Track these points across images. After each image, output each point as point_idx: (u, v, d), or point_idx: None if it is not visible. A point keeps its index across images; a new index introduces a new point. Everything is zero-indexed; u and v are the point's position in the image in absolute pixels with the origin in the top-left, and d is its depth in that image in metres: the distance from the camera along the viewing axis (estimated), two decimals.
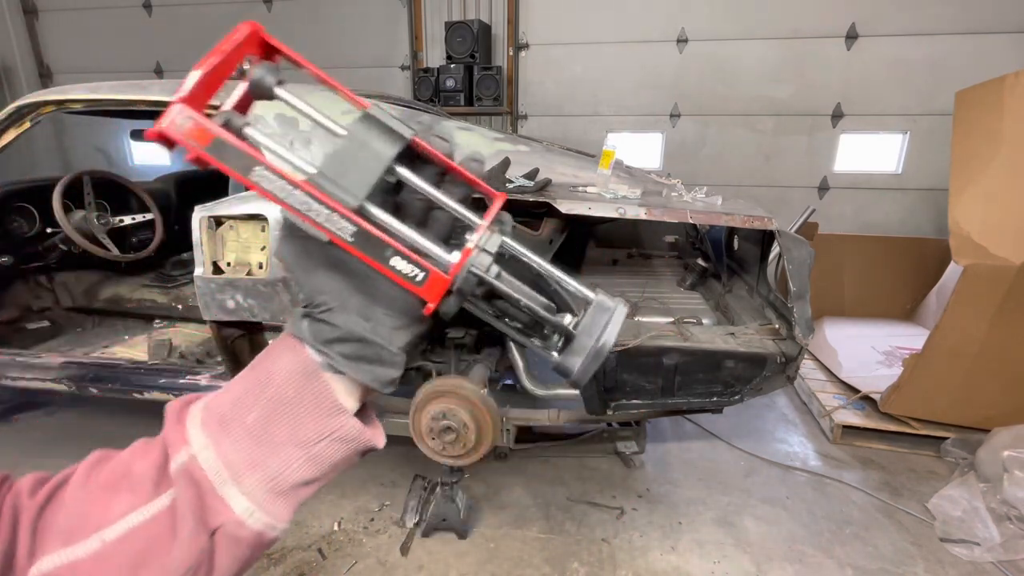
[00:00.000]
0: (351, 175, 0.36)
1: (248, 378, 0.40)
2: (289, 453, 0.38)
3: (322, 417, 0.39)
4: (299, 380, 0.38)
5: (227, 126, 0.36)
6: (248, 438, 0.37)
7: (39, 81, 5.78)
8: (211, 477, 0.36)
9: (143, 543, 0.35)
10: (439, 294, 0.38)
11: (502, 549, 2.00)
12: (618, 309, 0.40)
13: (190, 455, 0.36)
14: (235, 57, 0.36)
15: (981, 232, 2.30)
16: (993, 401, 2.41)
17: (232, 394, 0.39)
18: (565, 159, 2.05)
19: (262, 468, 0.37)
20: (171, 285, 2.85)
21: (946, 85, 3.84)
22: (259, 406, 0.38)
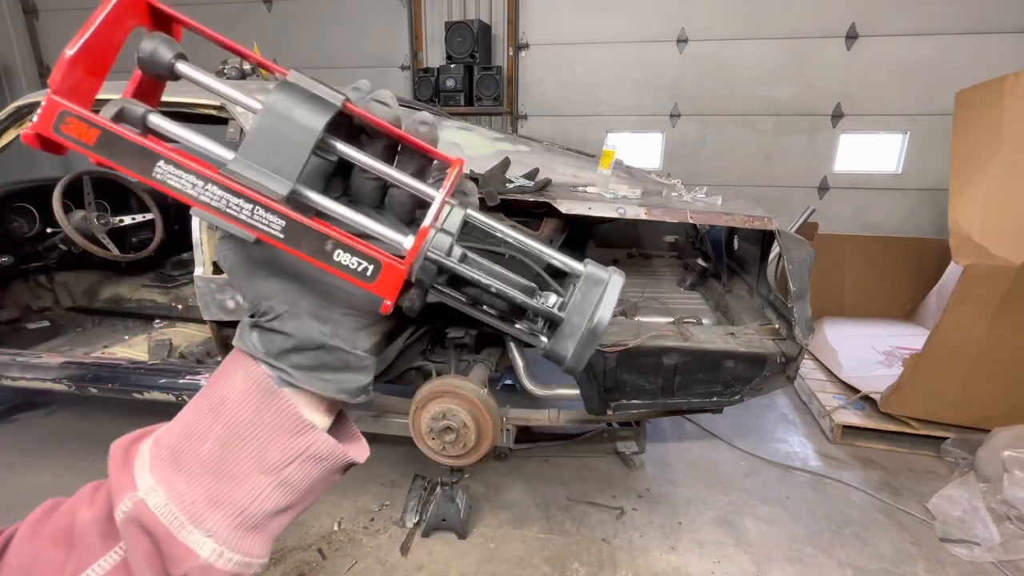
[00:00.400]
0: (275, 158, 0.30)
1: (199, 404, 0.35)
2: (255, 482, 0.33)
3: (287, 437, 0.34)
4: (255, 400, 0.34)
5: (121, 117, 0.30)
6: (205, 472, 0.33)
7: (39, 81, 5.78)
8: (166, 522, 0.31)
9: None
10: (395, 288, 0.32)
11: (502, 549, 2.00)
12: (612, 279, 0.35)
13: (136, 500, 0.32)
14: (116, 30, 0.31)
15: (981, 232, 2.30)
16: (993, 401, 2.41)
17: (182, 424, 0.35)
18: (565, 159, 2.05)
19: (226, 504, 0.33)
20: (171, 285, 2.85)
21: (946, 85, 3.85)
22: (213, 434, 0.33)
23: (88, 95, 0.29)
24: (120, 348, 2.55)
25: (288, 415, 0.34)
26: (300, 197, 0.31)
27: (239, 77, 2.34)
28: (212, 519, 0.32)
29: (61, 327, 2.78)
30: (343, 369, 0.35)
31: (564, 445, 2.51)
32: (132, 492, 0.32)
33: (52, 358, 2.26)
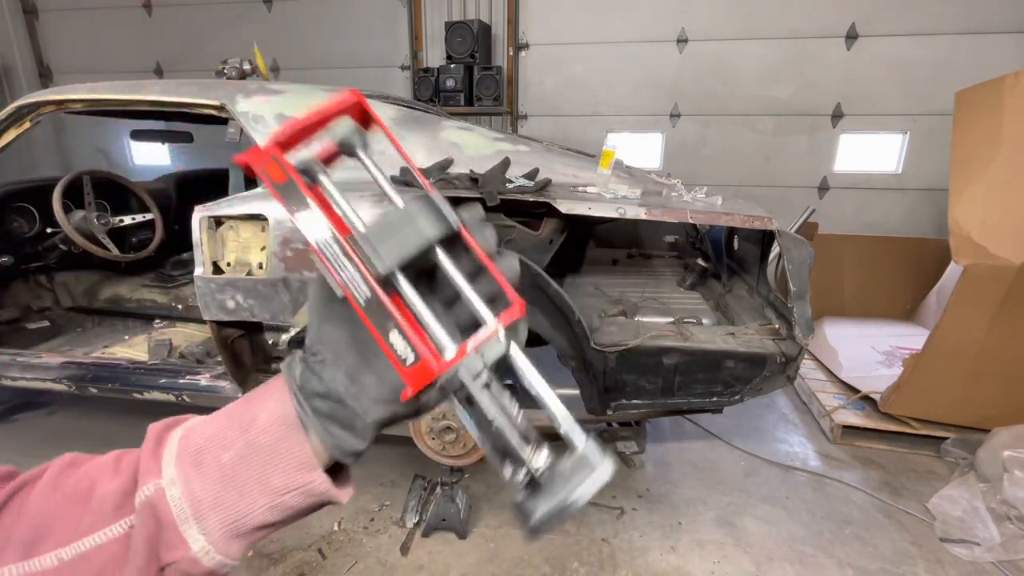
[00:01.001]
0: (389, 244, 0.36)
1: (233, 415, 0.40)
2: (255, 499, 0.38)
3: (293, 470, 0.38)
4: (279, 429, 0.38)
5: (304, 170, 0.38)
6: (219, 478, 0.37)
7: (39, 81, 5.78)
8: (175, 514, 0.36)
9: (94, 569, 0.35)
10: (420, 384, 0.35)
11: (502, 549, 2.00)
12: (601, 468, 0.35)
13: (158, 488, 0.36)
14: (331, 116, 0.38)
15: (981, 232, 2.30)
16: (993, 401, 2.41)
17: (214, 426, 0.39)
18: (565, 159, 2.05)
19: (227, 509, 0.37)
20: (171, 285, 2.85)
21: (946, 85, 3.84)
22: (237, 447, 0.38)
23: (289, 147, 0.38)
24: (120, 348, 2.55)
25: (300, 451, 0.38)
26: (392, 279, 0.36)
27: (239, 77, 2.34)
28: (212, 520, 0.36)
29: (61, 327, 2.78)
30: (348, 429, 0.39)
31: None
32: (157, 480, 0.36)
33: (52, 358, 2.26)
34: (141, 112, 2.35)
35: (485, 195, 1.67)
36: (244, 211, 1.78)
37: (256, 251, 1.83)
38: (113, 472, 0.38)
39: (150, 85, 2.10)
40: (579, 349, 1.68)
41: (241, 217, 1.81)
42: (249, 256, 1.83)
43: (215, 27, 5.23)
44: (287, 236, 1.74)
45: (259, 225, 1.81)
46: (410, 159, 0.41)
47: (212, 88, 2.02)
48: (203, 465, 0.37)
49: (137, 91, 2.05)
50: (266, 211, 1.75)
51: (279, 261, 1.76)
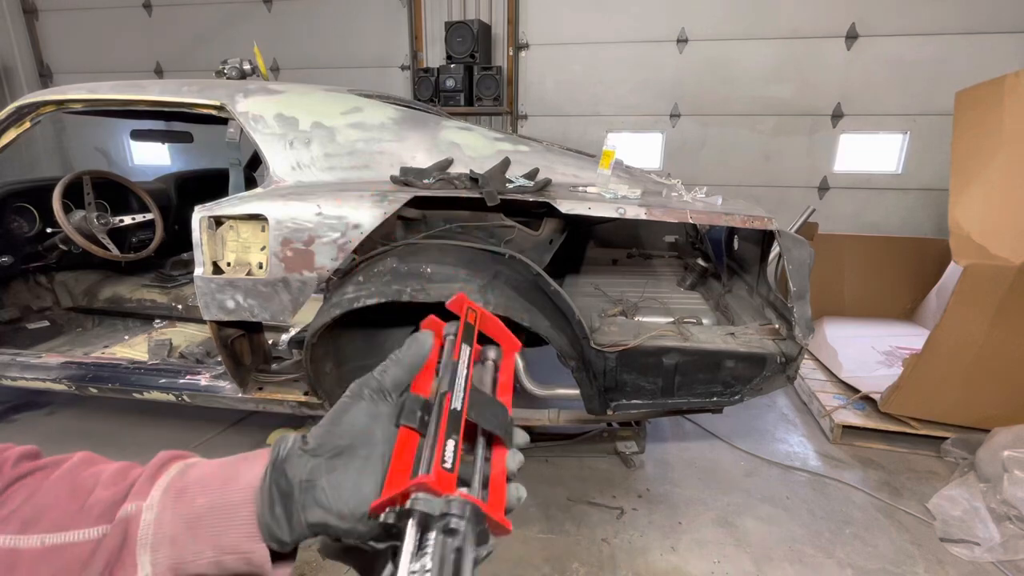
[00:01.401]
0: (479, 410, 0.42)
1: (225, 466, 0.43)
2: (204, 549, 0.39)
3: (243, 536, 0.39)
4: (248, 493, 0.40)
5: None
6: (186, 518, 0.39)
7: (39, 81, 5.78)
8: (139, 536, 0.38)
9: (63, 561, 0.37)
10: (396, 489, 0.35)
11: (502, 549, 1.99)
12: None
13: (137, 508, 0.39)
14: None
15: (981, 232, 2.30)
16: (993, 401, 2.41)
17: (206, 471, 0.43)
18: (565, 159, 2.05)
19: (178, 549, 0.39)
20: (171, 285, 2.85)
21: (946, 85, 3.85)
22: (211, 497, 0.40)
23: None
24: (120, 348, 2.55)
25: (254, 522, 0.39)
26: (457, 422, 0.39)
27: (239, 77, 2.34)
28: (161, 553, 0.38)
29: (61, 327, 2.78)
30: (287, 518, 0.39)
31: (564, 445, 2.51)
32: (142, 501, 0.39)
33: (52, 358, 2.26)
34: (141, 112, 2.35)
35: (485, 195, 1.67)
36: (244, 211, 1.78)
37: (256, 251, 1.83)
38: (115, 481, 0.41)
39: (150, 85, 2.10)
40: (579, 349, 1.68)
41: (241, 217, 1.81)
42: (249, 256, 1.83)
43: (215, 27, 5.24)
44: (287, 236, 1.74)
45: (259, 225, 1.81)
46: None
47: (212, 88, 2.02)
48: (180, 502, 0.40)
49: (137, 91, 2.05)
50: (266, 211, 1.75)
51: (279, 261, 1.76)
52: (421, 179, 1.78)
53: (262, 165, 1.95)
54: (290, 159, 1.91)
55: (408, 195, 1.70)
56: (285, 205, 1.75)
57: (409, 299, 1.59)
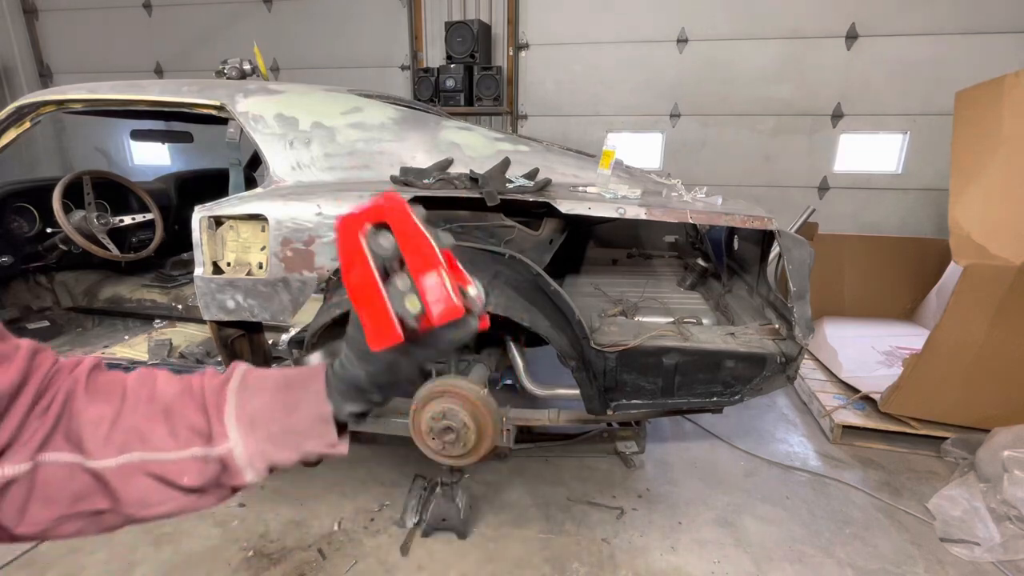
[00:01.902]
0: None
1: (277, 396, 0.55)
2: (289, 454, 0.55)
3: (322, 445, 0.55)
4: (317, 423, 0.55)
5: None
6: (269, 441, 0.54)
7: (39, 81, 5.78)
8: (239, 465, 0.53)
9: (174, 471, 0.51)
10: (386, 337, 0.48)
11: (502, 549, 2.00)
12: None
13: (228, 450, 0.52)
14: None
15: (981, 232, 2.30)
16: (993, 401, 2.41)
17: (263, 400, 0.55)
18: (565, 159, 2.05)
19: (269, 457, 0.54)
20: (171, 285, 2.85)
21: (946, 85, 3.85)
22: (282, 424, 0.54)
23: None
24: (120, 348, 2.55)
25: (330, 436, 0.55)
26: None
27: (239, 77, 2.34)
28: (258, 465, 0.54)
29: (61, 327, 2.78)
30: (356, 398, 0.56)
31: (564, 445, 2.51)
32: (226, 443, 0.52)
33: None
34: (141, 112, 2.35)
35: (485, 195, 1.67)
36: (244, 211, 1.78)
37: (256, 251, 1.83)
38: (184, 404, 0.54)
39: (150, 85, 2.10)
40: (579, 349, 1.68)
41: (241, 217, 1.81)
42: (249, 256, 1.83)
43: (215, 27, 5.23)
44: (287, 236, 1.74)
45: (259, 225, 1.81)
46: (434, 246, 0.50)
47: (212, 88, 2.02)
48: (256, 430, 0.53)
49: (137, 91, 2.05)
50: (266, 211, 1.75)
51: (279, 261, 1.76)
52: (421, 179, 1.78)
53: (262, 165, 1.95)
54: (290, 159, 1.91)
55: (408, 195, 1.70)
56: (285, 205, 1.75)
57: None
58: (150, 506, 0.51)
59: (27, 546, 1.96)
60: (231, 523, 2.11)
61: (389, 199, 0.49)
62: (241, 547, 1.99)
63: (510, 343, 1.94)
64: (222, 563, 1.92)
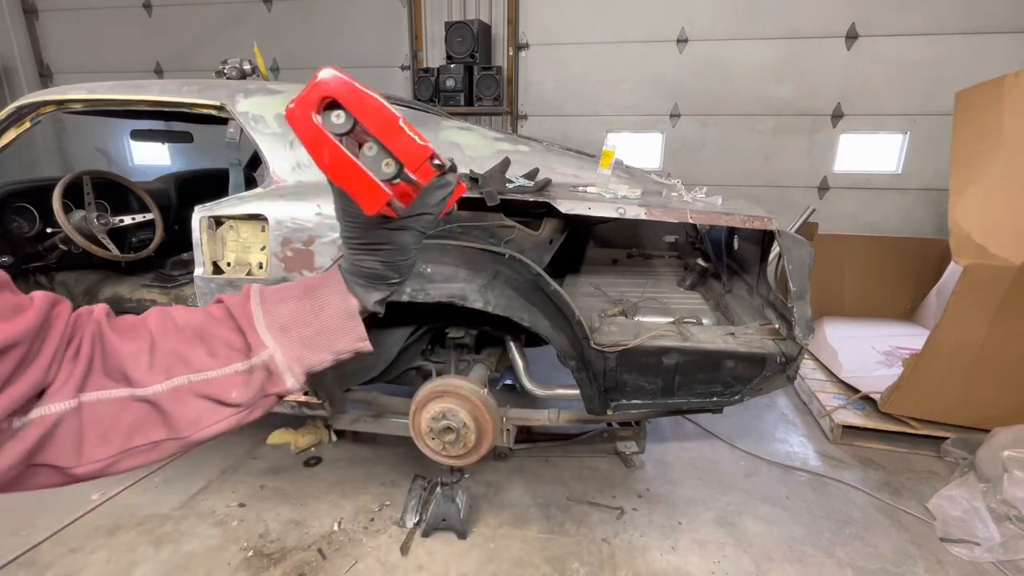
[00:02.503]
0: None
1: (304, 300, 0.60)
2: (324, 356, 0.60)
3: (352, 341, 0.61)
4: (344, 319, 0.60)
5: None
6: (303, 345, 0.59)
7: (39, 81, 5.78)
8: (280, 370, 0.57)
9: (221, 389, 0.55)
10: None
11: (502, 549, 2.00)
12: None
13: (269, 357, 0.57)
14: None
15: (981, 232, 2.30)
16: (993, 401, 2.41)
17: (288, 308, 0.59)
18: (565, 159, 2.05)
19: (307, 361, 0.59)
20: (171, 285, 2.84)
21: (946, 85, 3.85)
22: (314, 325, 0.59)
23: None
24: None
25: (359, 332, 0.61)
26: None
27: (239, 77, 2.34)
28: (296, 369, 0.58)
29: None
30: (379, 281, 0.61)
31: (564, 445, 2.51)
32: (265, 350, 0.57)
33: None
34: (141, 112, 2.35)
35: (485, 195, 1.67)
36: (244, 211, 1.78)
37: (256, 251, 1.83)
38: (218, 324, 0.57)
39: (150, 85, 2.10)
40: (579, 349, 1.68)
41: (241, 217, 1.81)
42: (249, 256, 1.83)
43: (215, 27, 5.23)
44: (287, 236, 1.74)
45: (259, 225, 1.81)
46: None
47: (212, 88, 2.02)
48: (289, 335, 0.58)
49: (137, 91, 2.05)
50: (266, 211, 1.75)
51: (279, 261, 1.76)
52: None
53: (262, 165, 1.95)
54: (290, 159, 1.91)
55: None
56: (285, 205, 1.75)
57: (409, 299, 1.59)
58: (204, 427, 0.54)
59: (27, 545, 1.96)
60: (231, 523, 2.11)
61: (330, 77, 0.49)
62: (241, 547, 1.99)
63: (510, 343, 1.94)
64: (222, 563, 1.92)
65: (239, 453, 2.55)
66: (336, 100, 0.49)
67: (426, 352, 2.20)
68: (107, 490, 2.27)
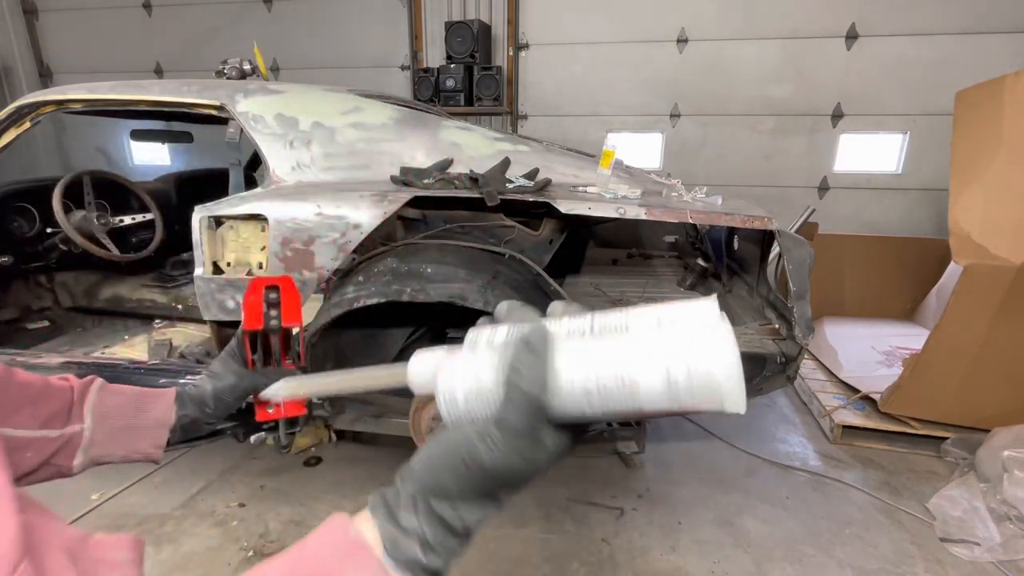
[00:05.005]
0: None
1: (133, 400, 0.68)
2: (115, 450, 0.66)
3: (150, 445, 0.69)
4: (156, 420, 0.69)
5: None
6: (109, 433, 0.65)
7: (39, 81, 5.78)
8: (80, 443, 0.64)
9: (31, 448, 0.60)
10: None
11: (502, 549, 2.00)
12: None
13: (80, 429, 0.63)
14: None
15: (981, 232, 2.30)
16: (993, 401, 2.41)
17: (120, 401, 0.67)
18: (565, 159, 2.05)
19: (98, 449, 0.65)
20: (171, 285, 2.84)
21: (946, 85, 3.84)
22: (128, 421, 0.67)
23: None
24: (120, 348, 2.55)
25: (161, 439, 0.70)
26: None
27: (239, 77, 2.34)
28: (91, 452, 0.64)
29: (61, 327, 2.78)
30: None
31: None
32: (80, 424, 0.64)
33: (52, 358, 2.26)
34: (141, 112, 2.35)
35: (485, 195, 1.67)
36: (244, 211, 1.78)
37: (256, 251, 1.83)
38: (52, 397, 0.63)
39: (150, 85, 2.10)
40: None
41: (241, 217, 1.81)
42: (249, 256, 1.83)
43: (215, 27, 5.23)
44: (287, 236, 1.74)
45: (259, 225, 1.81)
46: None
47: (212, 88, 2.02)
48: (105, 424, 0.64)
49: (137, 91, 2.05)
50: (266, 211, 1.75)
51: (279, 261, 1.76)
52: (421, 179, 1.78)
53: (262, 165, 1.95)
54: (290, 159, 1.91)
55: (408, 195, 1.70)
56: (285, 205, 1.75)
57: (409, 299, 1.59)
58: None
59: None
60: (231, 523, 2.11)
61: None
62: (241, 547, 1.99)
63: None
64: (222, 563, 1.92)
65: (239, 453, 2.55)
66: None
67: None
68: (107, 490, 2.27)
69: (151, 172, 4.04)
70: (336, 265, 1.73)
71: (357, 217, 1.69)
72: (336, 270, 1.74)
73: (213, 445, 2.62)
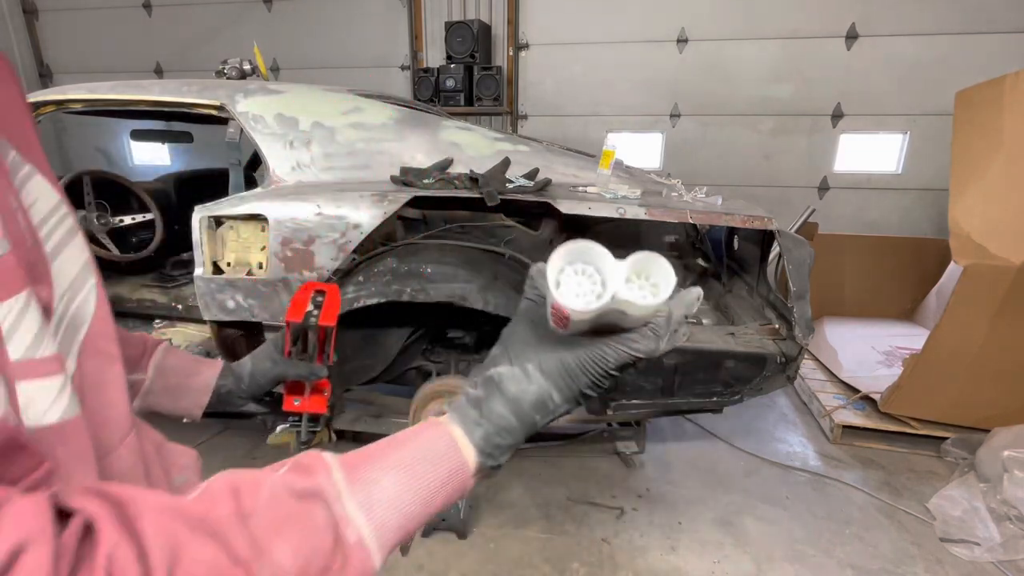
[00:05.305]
0: None
1: (190, 363, 0.75)
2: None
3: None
4: (204, 383, 0.76)
5: None
6: (165, 388, 0.72)
7: (39, 81, 5.78)
8: (141, 389, 0.70)
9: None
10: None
11: (502, 549, 2.00)
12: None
13: (142, 378, 0.69)
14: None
15: (981, 232, 2.30)
16: (993, 401, 2.41)
17: (179, 361, 0.74)
18: (565, 159, 2.05)
19: (153, 398, 0.71)
20: (171, 285, 2.84)
21: (946, 85, 3.84)
22: (180, 378, 0.73)
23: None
24: None
25: (205, 398, 0.76)
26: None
27: (239, 77, 2.34)
28: (152, 398, 0.71)
29: None
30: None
31: (564, 445, 2.51)
32: (144, 373, 0.70)
33: None
34: (141, 112, 2.35)
35: (485, 195, 1.67)
36: (244, 211, 1.78)
37: (256, 251, 1.83)
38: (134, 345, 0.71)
39: (150, 85, 2.10)
40: None
41: (241, 217, 1.81)
42: (249, 256, 1.83)
43: (215, 27, 5.23)
44: (287, 236, 1.74)
45: (259, 225, 1.81)
46: None
47: (212, 88, 2.02)
48: (162, 378, 0.71)
49: (137, 91, 2.05)
50: (266, 211, 1.75)
51: (279, 261, 1.76)
52: (421, 179, 1.78)
53: (262, 165, 1.95)
54: (290, 159, 1.91)
55: (408, 195, 1.70)
56: (285, 205, 1.75)
57: (409, 299, 1.59)
58: None
59: None
60: None
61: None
62: None
63: None
64: None
65: (239, 453, 2.55)
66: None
67: (426, 352, 2.20)
68: None
69: (151, 172, 4.04)
70: (336, 265, 1.73)
71: (357, 217, 1.69)
72: (336, 270, 1.74)
73: (214, 445, 2.62)
